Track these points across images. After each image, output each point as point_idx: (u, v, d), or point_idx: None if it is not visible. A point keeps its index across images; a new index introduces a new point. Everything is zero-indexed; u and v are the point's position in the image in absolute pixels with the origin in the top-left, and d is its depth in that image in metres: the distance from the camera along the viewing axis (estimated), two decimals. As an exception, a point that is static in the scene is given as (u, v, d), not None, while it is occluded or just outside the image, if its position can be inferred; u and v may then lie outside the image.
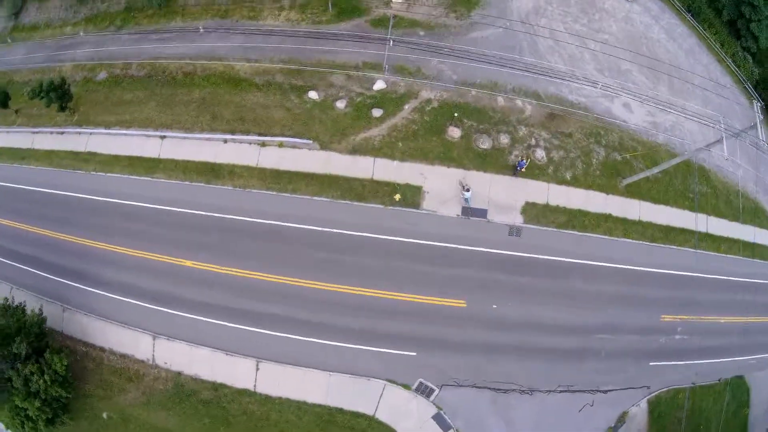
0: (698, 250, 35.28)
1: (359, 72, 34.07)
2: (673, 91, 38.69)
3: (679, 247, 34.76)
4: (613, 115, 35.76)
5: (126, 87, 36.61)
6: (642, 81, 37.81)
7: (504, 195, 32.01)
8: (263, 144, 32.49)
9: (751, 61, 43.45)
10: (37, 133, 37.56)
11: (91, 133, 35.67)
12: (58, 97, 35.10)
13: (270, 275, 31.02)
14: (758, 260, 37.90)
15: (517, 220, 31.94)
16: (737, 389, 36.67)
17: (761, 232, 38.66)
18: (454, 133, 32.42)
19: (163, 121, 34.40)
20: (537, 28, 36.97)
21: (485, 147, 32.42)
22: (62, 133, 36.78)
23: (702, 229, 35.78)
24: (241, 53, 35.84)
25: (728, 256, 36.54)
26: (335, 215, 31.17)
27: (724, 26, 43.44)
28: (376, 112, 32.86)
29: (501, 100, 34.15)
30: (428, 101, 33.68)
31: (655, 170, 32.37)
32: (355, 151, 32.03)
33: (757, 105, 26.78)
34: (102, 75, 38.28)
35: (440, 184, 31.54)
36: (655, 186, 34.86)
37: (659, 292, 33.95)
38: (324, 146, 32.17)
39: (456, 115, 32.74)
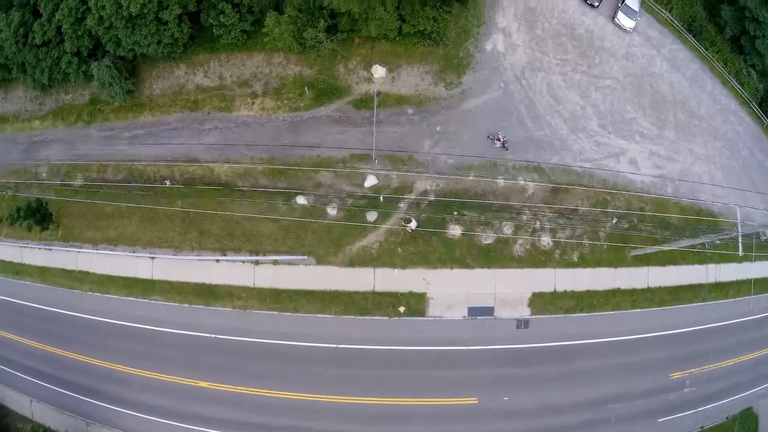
0: (707, 302, 32.76)
1: (347, 167, 29.57)
2: (679, 131, 33.58)
3: (688, 304, 32.10)
4: (620, 176, 31.19)
5: (105, 196, 31.75)
6: (647, 128, 32.63)
7: (510, 289, 28.75)
8: (257, 263, 29.08)
9: (755, 76, 37.80)
10: (25, 247, 33.86)
11: (79, 252, 31.90)
12: (38, 222, 31.23)
13: (284, 392, 28.79)
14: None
15: (525, 312, 28.93)
16: (745, 420, 35.22)
17: (772, 264, 35.79)
18: (455, 231, 28.28)
19: (150, 240, 30.38)
20: (534, 86, 31.10)
21: (488, 242, 28.58)
22: (50, 249, 33.27)
23: (712, 279, 32.82)
24: (219, 152, 30.65)
25: (737, 299, 33.75)
26: (341, 331, 28.12)
27: (727, 43, 37.04)
28: (371, 216, 28.54)
29: (501, 182, 29.69)
30: (424, 194, 29.24)
31: (665, 248, 28.99)
32: (354, 263, 28.24)
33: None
34: (79, 180, 33.56)
35: (444, 288, 28.06)
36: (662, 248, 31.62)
37: (668, 352, 31.47)
38: (320, 260, 28.47)
39: (455, 213, 28.67)
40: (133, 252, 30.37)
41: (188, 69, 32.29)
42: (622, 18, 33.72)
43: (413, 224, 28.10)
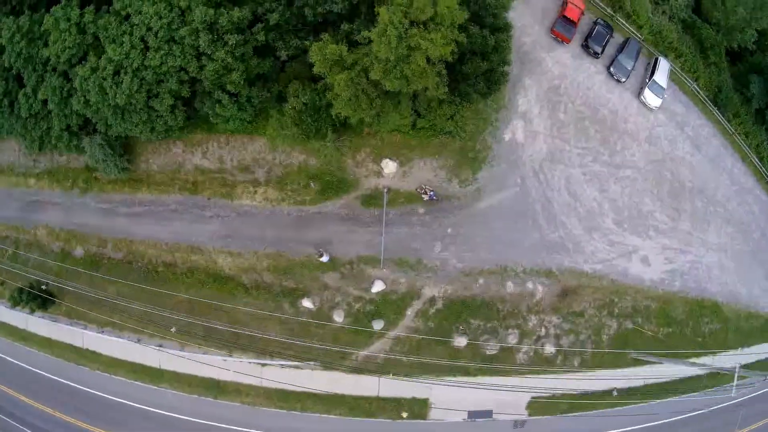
0: (708, 392, 31.81)
1: (354, 269, 27.11)
2: (694, 221, 30.87)
3: (682, 396, 31.48)
4: (630, 276, 28.91)
5: (106, 273, 29.50)
6: (663, 221, 29.77)
7: (510, 394, 27.82)
8: (264, 365, 27.76)
9: (775, 149, 34.59)
10: (30, 315, 31.99)
11: (84, 331, 30.35)
12: (40, 306, 29.35)
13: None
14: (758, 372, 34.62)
15: (522, 414, 28.26)
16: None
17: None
18: (460, 342, 26.68)
19: (155, 331, 28.55)
20: (552, 181, 27.82)
21: (493, 353, 27.20)
22: (55, 322, 31.51)
23: (707, 370, 31.94)
24: (221, 243, 28.01)
25: (727, 386, 33.36)
26: (345, 429, 27.92)
27: (751, 116, 33.45)
28: (377, 325, 26.69)
29: (511, 286, 27.42)
30: (432, 301, 27.17)
31: (665, 363, 27.80)
32: (359, 370, 26.91)
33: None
34: (79, 251, 30.86)
35: (446, 394, 26.95)
36: (664, 345, 30.16)
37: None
38: (326, 367, 26.94)
39: (461, 327, 26.77)
40: (139, 341, 28.97)
41: (186, 148, 28.73)
42: (648, 96, 29.86)
43: (325, 258, 26.65)
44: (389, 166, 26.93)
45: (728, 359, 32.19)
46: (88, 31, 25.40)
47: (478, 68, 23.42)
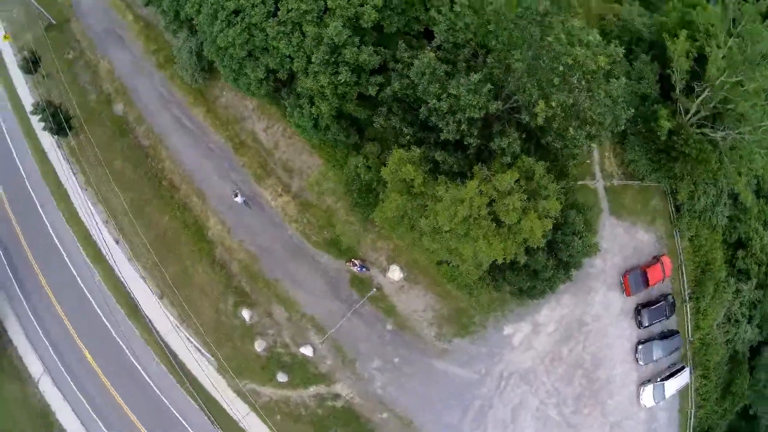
0: None
1: (301, 322, 26.82)
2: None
3: None
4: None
5: (125, 150, 29.77)
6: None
7: None
8: (176, 328, 28.07)
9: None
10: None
11: (71, 174, 30.41)
12: (52, 129, 29.29)
13: None
14: None
15: None
16: None
17: None
18: (329, 442, 27.22)
19: (123, 227, 28.96)
20: (507, 395, 26.72)
21: (346, 471, 27.57)
22: (59, 146, 31.56)
23: None
24: (223, 211, 27.83)
25: None
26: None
27: None
28: (281, 377, 26.82)
29: (405, 438, 27.53)
30: (335, 397, 26.92)
31: None
32: (240, 394, 27.29)
33: None
34: (119, 108, 30.72)
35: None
36: None
37: None
38: (219, 370, 27.45)
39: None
40: (105, 223, 29.44)
41: (255, 110, 27.85)
42: (646, 393, 28.19)
43: (239, 199, 27.10)
44: (395, 273, 26.09)
45: None
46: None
47: (521, 282, 22.00)
